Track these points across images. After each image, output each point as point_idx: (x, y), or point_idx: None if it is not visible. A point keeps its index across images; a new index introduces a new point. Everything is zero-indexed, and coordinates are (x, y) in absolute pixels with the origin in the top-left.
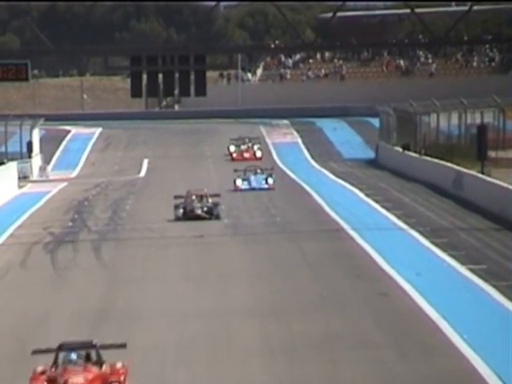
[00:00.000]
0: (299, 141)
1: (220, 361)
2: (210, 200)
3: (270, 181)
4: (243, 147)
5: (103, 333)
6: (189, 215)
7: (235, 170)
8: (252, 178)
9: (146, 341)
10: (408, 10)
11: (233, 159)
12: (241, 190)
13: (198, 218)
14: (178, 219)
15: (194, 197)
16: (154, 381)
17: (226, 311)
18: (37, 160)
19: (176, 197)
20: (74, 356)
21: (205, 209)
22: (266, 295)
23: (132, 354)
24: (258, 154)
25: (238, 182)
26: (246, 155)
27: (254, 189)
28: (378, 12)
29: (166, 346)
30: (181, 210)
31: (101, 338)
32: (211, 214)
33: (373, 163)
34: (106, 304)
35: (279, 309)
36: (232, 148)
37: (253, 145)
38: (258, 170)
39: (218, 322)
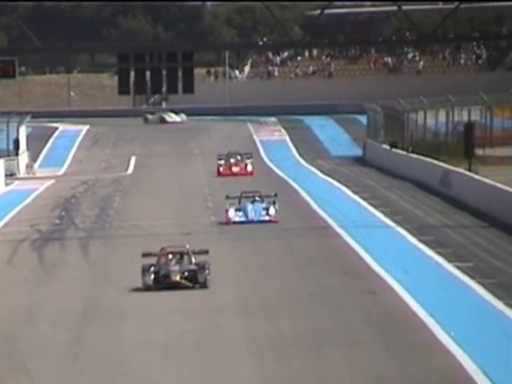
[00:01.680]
0: (287, 138)
1: (208, 358)
2: (194, 260)
3: (272, 211)
4: (232, 160)
5: (90, 330)
6: (163, 282)
7: (227, 197)
8: (249, 207)
9: (134, 339)
10: (395, 8)
11: (219, 174)
12: (234, 223)
13: (177, 286)
14: (147, 288)
15: (170, 256)
16: (142, 378)
17: (214, 309)
18: (24, 157)
19: (145, 255)
20: None
21: (186, 273)
22: (254, 293)
23: (119, 351)
24: (249, 167)
25: (231, 213)
26: (235, 169)
27: (251, 221)
28: (365, 10)
29: (154, 344)
30: (151, 276)
31: (88, 335)
32: (195, 280)
33: (360, 161)
34: (92, 301)
35: (267, 306)
36: (219, 163)
37: (243, 158)
38: (257, 198)
39: (205, 320)
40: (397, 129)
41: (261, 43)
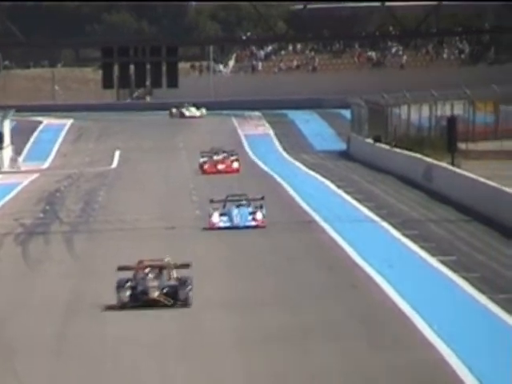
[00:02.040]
0: (271, 132)
1: (193, 353)
2: (175, 274)
3: (259, 215)
4: (217, 157)
5: (74, 325)
6: (140, 299)
7: (211, 201)
8: (234, 211)
9: (118, 334)
10: (379, 3)
11: (204, 172)
12: (219, 228)
13: (155, 304)
14: (123, 306)
15: (147, 269)
16: (127, 373)
17: (199, 303)
18: (8, 151)
19: (120, 268)
20: None
21: (165, 290)
22: (239, 287)
23: (103, 347)
24: (235, 165)
25: (215, 218)
26: (221, 167)
27: (237, 227)
28: (349, 4)
29: (138, 339)
30: (128, 292)
31: (73, 330)
32: (175, 297)
33: (344, 155)
34: (77, 296)
35: (251, 301)
36: (202, 160)
37: (229, 155)
38: (243, 202)
39: (190, 315)
40: (380, 123)
41: (245, 38)
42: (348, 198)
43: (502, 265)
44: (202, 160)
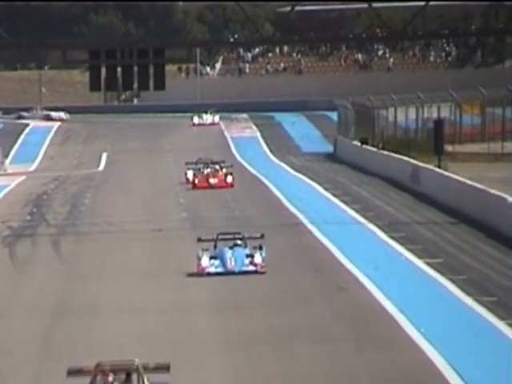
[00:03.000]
0: (258, 135)
1: (180, 355)
2: (146, 382)
3: (258, 258)
4: (208, 170)
5: (62, 327)
6: None
7: (199, 240)
8: (227, 254)
9: (106, 335)
10: (366, 5)
11: (194, 186)
12: (208, 274)
13: None
14: None
15: (111, 377)
16: None
17: (186, 306)
18: None
19: (72, 373)
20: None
21: None
22: (226, 290)
23: (91, 348)
24: (229, 178)
25: (205, 262)
26: (213, 181)
27: (231, 272)
28: (336, 6)
29: (126, 341)
30: None
31: (60, 332)
32: None
33: (331, 157)
34: (64, 298)
35: (239, 303)
36: (191, 174)
37: (221, 168)
38: (239, 241)
39: (177, 317)
40: (367, 125)
41: (232, 40)
42: (335, 200)
43: (489, 267)
44: (189, 172)
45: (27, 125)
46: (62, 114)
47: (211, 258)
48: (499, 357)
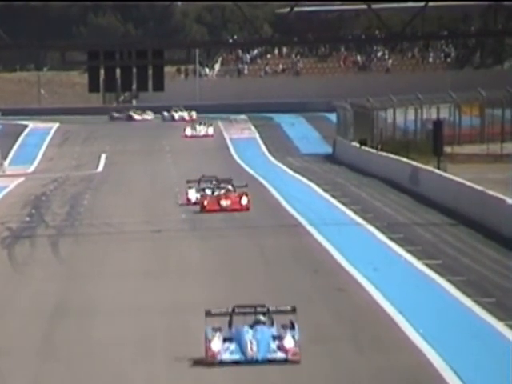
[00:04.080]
0: (257, 136)
1: (178, 356)
2: None
3: (290, 342)
4: (219, 192)
5: (61, 327)
6: None
7: (208, 314)
8: (247, 335)
9: (105, 336)
10: (365, 6)
11: (203, 209)
12: (221, 363)
13: None
14: None
15: None
16: (113, 376)
17: (185, 306)
18: None
19: None
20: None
21: None
22: (224, 290)
23: (91, 348)
24: (245, 200)
25: (216, 345)
26: (225, 203)
27: (256, 361)
28: (335, 7)
29: (125, 342)
30: None
31: (59, 333)
32: None
33: (330, 158)
34: (63, 299)
35: (237, 303)
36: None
37: (233, 187)
38: (261, 317)
39: (176, 317)
40: (366, 127)
41: (231, 41)
42: (334, 201)
43: (488, 268)
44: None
45: (26, 126)
46: (185, 114)
47: (225, 339)
48: (498, 358)
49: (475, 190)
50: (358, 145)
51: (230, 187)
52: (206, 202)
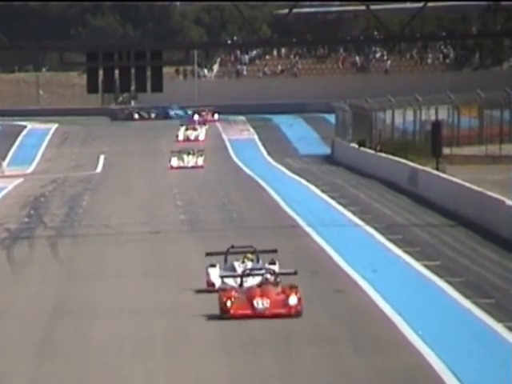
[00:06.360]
0: (255, 137)
1: (177, 356)
2: None
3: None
4: (253, 282)
5: (60, 328)
6: None
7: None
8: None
9: (104, 337)
10: (363, 7)
11: (226, 313)
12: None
13: None
14: None
15: None
16: (112, 376)
17: (183, 307)
18: None
19: None
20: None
21: None
22: None
23: (89, 350)
24: (293, 300)
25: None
26: (262, 304)
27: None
28: (333, 9)
29: (124, 342)
30: None
31: (58, 334)
32: None
33: (329, 159)
34: (62, 300)
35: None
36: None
37: (277, 278)
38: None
39: (175, 318)
40: (365, 128)
41: (229, 42)
42: (332, 202)
43: (487, 269)
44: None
45: (24, 127)
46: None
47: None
48: (497, 359)
49: (474, 191)
50: (356, 146)
51: (269, 276)
52: (229, 303)
